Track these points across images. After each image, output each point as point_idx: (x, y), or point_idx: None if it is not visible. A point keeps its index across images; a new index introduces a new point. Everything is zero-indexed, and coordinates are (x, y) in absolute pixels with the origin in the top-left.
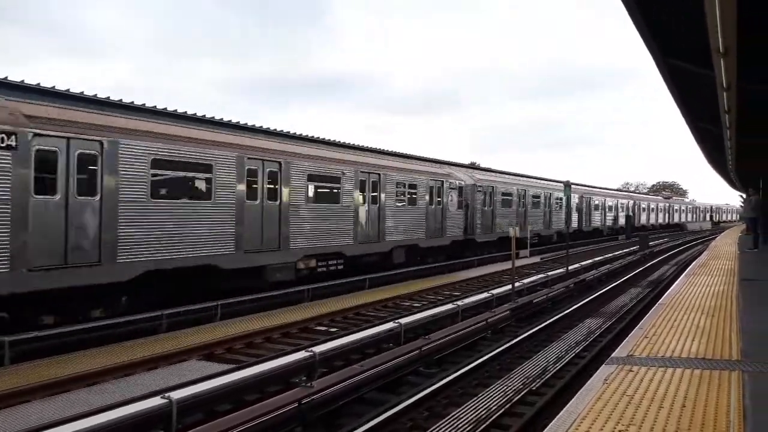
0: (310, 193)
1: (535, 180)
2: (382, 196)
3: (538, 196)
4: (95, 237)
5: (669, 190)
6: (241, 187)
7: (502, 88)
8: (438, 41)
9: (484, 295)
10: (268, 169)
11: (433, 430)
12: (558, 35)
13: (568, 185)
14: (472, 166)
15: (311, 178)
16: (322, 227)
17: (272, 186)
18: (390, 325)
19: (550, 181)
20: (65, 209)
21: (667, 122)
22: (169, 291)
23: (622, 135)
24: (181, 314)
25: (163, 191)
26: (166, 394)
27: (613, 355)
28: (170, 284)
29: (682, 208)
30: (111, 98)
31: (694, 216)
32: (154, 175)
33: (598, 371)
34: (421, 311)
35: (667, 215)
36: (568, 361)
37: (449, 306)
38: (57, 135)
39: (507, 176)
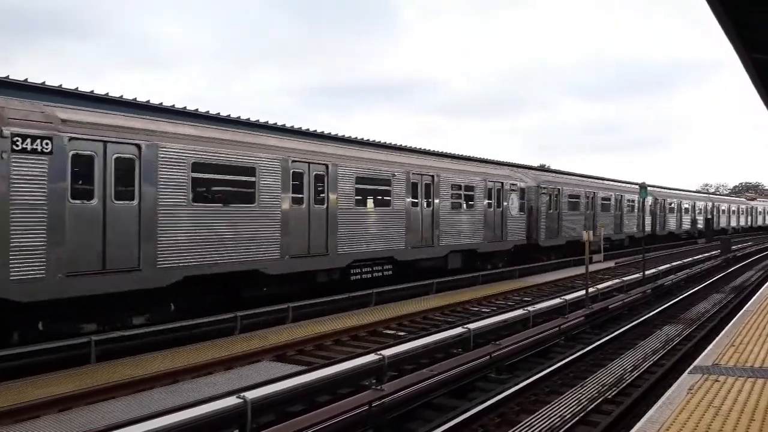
0: None
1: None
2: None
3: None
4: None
5: (753, 191)
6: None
7: (567, 89)
8: (497, 42)
9: (557, 300)
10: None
11: None
12: (628, 33)
13: (644, 187)
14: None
15: None
16: None
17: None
18: (459, 330)
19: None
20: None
21: (752, 120)
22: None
23: (702, 134)
24: (255, 316)
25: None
26: (241, 394)
27: (696, 363)
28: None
29: None
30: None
31: None
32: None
33: (679, 380)
34: (491, 316)
35: (750, 218)
36: (646, 369)
37: (520, 311)
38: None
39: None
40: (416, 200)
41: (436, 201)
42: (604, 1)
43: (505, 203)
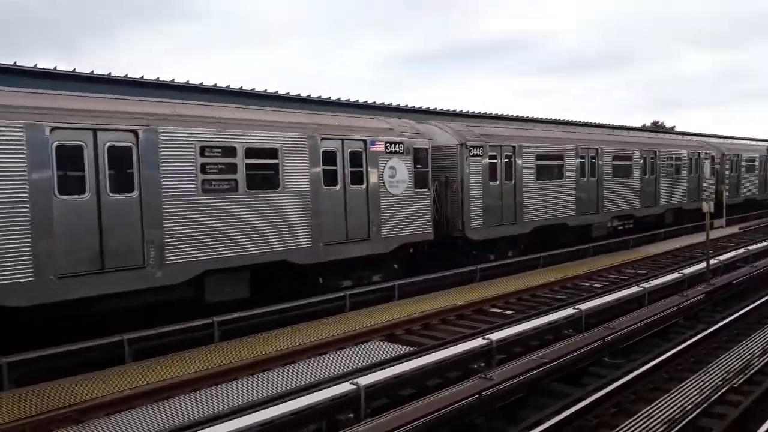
0: None
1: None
2: None
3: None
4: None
5: None
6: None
7: (681, 36)
8: None
9: (674, 275)
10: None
11: (621, 429)
12: None
13: None
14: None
15: None
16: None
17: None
18: (569, 311)
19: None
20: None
21: None
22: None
23: None
24: (362, 294)
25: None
26: (355, 380)
27: None
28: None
29: None
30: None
31: None
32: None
33: None
34: (603, 295)
35: None
36: None
37: (634, 289)
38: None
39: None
40: (80, 172)
41: (152, 177)
42: None
43: (374, 173)
